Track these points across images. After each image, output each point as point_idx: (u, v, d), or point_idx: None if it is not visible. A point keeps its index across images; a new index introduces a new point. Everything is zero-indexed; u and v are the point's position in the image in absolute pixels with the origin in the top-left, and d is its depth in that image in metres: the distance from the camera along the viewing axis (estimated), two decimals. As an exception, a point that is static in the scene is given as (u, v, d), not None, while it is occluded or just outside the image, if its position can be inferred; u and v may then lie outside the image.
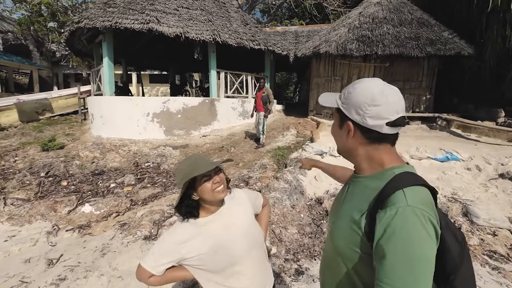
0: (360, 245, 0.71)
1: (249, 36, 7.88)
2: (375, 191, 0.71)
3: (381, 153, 0.77)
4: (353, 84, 0.78)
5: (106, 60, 7.05)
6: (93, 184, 4.69)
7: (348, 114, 0.76)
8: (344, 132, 0.79)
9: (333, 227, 0.83)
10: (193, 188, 1.04)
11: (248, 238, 1.13)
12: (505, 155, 4.47)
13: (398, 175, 0.71)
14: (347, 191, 0.86)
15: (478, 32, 7.60)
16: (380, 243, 0.63)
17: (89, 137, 7.36)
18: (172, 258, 1.05)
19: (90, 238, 3.25)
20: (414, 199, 0.64)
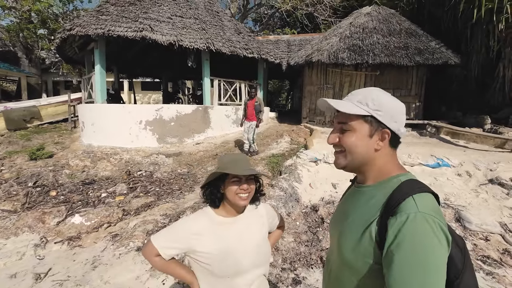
0: (371, 256, 0.70)
1: (242, 45, 7.96)
2: (383, 199, 0.72)
3: (393, 161, 0.79)
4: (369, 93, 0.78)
5: (98, 67, 6.98)
6: (83, 194, 4.56)
7: (386, 122, 0.75)
8: (375, 140, 0.76)
9: (340, 239, 0.81)
10: (223, 181, 1.07)
11: (257, 254, 1.13)
12: (493, 161, 4.60)
13: (405, 182, 0.72)
14: (350, 202, 0.86)
15: (464, 42, 7.91)
16: (391, 249, 0.63)
17: (79, 145, 7.20)
18: (182, 245, 1.06)
19: (80, 250, 3.14)
20: (425, 206, 0.65)
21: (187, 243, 1.05)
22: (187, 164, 5.97)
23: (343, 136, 0.79)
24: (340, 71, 8.25)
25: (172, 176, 5.41)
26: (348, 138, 0.77)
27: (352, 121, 0.77)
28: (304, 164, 4.81)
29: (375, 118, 0.75)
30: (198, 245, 1.05)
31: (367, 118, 0.75)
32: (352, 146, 0.77)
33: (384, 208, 0.70)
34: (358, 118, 0.76)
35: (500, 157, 4.85)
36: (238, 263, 1.07)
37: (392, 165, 0.79)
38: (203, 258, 1.06)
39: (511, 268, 2.72)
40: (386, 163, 0.78)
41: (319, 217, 3.65)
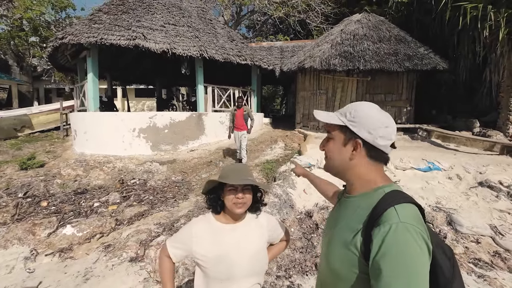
0: (357, 266, 0.72)
1: (235, 52, 8.03)
2: (367, 210, 0.74)
3: (376, 172, 0.81)
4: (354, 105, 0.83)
5: (91, 75, 6.95)
6: (75, 204, 4.50)
7: (357, 132, 0.79)
8: (348, 149, 0.81)
9: (327, 249, 0.83)
10: (222, 190, 1.14)
11: (251, 263, 1.15)
12: (482, 164, 4.70)
13: (388, 193, 0.75)
14: (338, 212, 0.88)
15: (451, 48, 8.12)
16: (376, 260, 0.65)
17: (71, 154, 7.11)
18: (185, 247, 1.16)
19: (72, 262, 3.09)
20: (406, 216, 0.67)
21: (189, 244, 1.14)
22: (181, 172, 5.95)
23: (326, 144, 0.87)
24: (332, 77, 8.37)
25: (166, 184, 5.37)
26: (328, 146, 0.86)
27: (332, 130, 0.84)
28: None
29: (348, 128, 0.80)
30: (196, 247, 1.13)
31: (342, 128, 0.81)
32: (329, 153, 0.85)
33: (368, 218, 0.72)
34: (336, 128, 0.83)
35: (489, 159, 4.96)
36: (230, 269, 1.11)
37: (376, 176, 0.81)
38: (200, 260, 1.13)
39: (502, 270, 2.76)
40: (367, 174, 0.80)
41: (313, 223, 3.66)
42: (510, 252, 2.97)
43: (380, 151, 0.79)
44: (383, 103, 8.35)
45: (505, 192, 3.84)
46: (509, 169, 4.45)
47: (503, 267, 2.80)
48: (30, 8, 13.37)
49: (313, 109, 7.57)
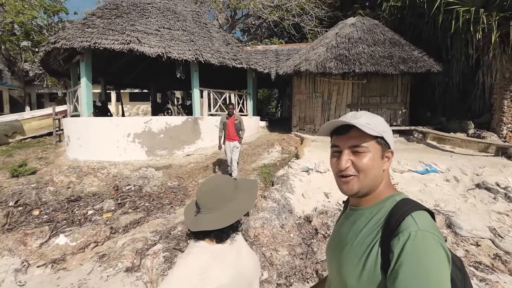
0: (376, 280, 0.68)
1: (231, 56, 8.00)
2: (381, 220, 0.72)
3: (389, 181, 0.81)
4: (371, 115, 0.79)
5: (84, 80, 6.84)
6: (68, 212, 4.38)
7: (390, 142, 0.78)
8: (384, 162, 0.78)
9: (341, 268, 0.78)
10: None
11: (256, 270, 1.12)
12: (478, 165, 4.73)
13: (400, 201, 0.73)
14: (346, 227, 0.84)
15: (444, 51, 8.23)
16: (395, 269, 0.63)
17: (64, 160, 6.97)
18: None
19: (65, 274, 2.98)
20: (424, 223, 0.66)
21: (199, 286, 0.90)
22: (178, 177, 5.86)
23: (357, 159, 0.75)
24: (328, 80, 8.40)
25: (162, 189, 5.29)
26: (363, 161, 0.74)
27: (366, 143, 0.75)
28: (296, 174, 4.80)
29: (384, 139, 0.76)
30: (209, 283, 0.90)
31: (379, 139, 0.76)
32: (368, 168, 0.74)
33: (383, 229, 0.70)
34: (372, 139, 0.75)
35: (485, 161, 5.00)
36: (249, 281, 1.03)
37: (388, 185, 0.80)
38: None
39: (503, 274, 2.75)
40: (385, 184, 0.79)
41: (313, 228, 3.61)
42: (510, 255, 2.96)
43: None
44: (378, 106, 8.40)
45: (502, 194, 3.86)
46: (505, 170, 4.48)
47: (504, 270, 2.78)
48: (21, 12, 13.18)
49: (309, 112, 7.53)
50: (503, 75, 6.52)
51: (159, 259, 3.04)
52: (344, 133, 0.77)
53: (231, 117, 5.32)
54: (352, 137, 0.76)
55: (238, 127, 5.32)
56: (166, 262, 2.96)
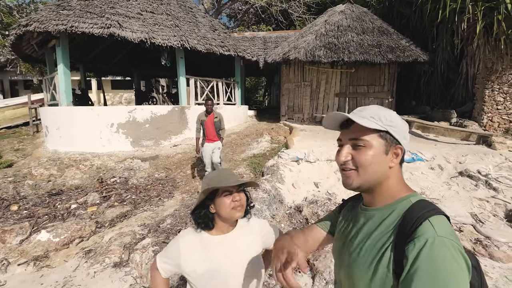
0: (388, 286, 0.66)
1: (218, 42, 7.74)
2: (394, 223, 0.69)
3: (402, 180, 0.77)
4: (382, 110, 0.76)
5: (62, 67, 6.43)
6: (50, 207, 4.19)
7: (399, 138, 0.73)
8: (390, 158, 0.73)
9: (351, 270, 0.75)
10: (212, 200, 1.05)
11: (247, 274, 1.07)
12: (461, 154, 4.89)
13: (416, 203, 0.69)
14: (356, 227, 0.80)
15: (430, 40, 8.32)
16: (409, 275, 0.60)
17: (43, 152, 6.62)
18: (172, 262, 1.07)
19: (49, 271, 2.86)
20: (443, 229, 0.62)
21: (176, 260, 1.05)
22: (165, 168, 5.72)
23: (357, 153, 0.73)
24: (317, 69, 8.34)
25: (149, 181, 5.15)
26: (363, 155, 0.72)
27: (367, 136, 0.72)
28: (286, 164, 4.79)
29: (390, 134, 0.72)
30: (185, 263, 1.04)
31: (382, 134, 0.72)
32: (367, 164, 0.72)
33: (397, 232, 0.66)
34: (374, 133, 0.72)
35: (467, 149, 5.17)
36: (225, 284, 1.03)
37: (401, 185, 0.76)
38: (189, 277, 1.04)
39: (484, 257, 2.88)
40: (397, 183, 0.75)
41: (303, 217, 3.64)
42: (490, 239, 3.10)
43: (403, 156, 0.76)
44: (365, 95, 8.47)
45: (483, 181, 4.02)
46: (485, 158, 4.67)
47: (484, 254, 2.92)
48: (-13, -9, 12.12)
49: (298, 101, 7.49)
50: (485, 65, 6.69)
51: (148, 253, 2.97)
52: (347, 126, 0.76)
53: (210, 115, 4.59)
54: (353, 130, 0.74)
55: (218, 126, 4.63)
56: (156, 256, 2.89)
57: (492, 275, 2.61)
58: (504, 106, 6.65)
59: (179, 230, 3.35)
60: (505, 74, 6.54)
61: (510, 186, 3.87)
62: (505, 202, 3.63)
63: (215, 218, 1.07)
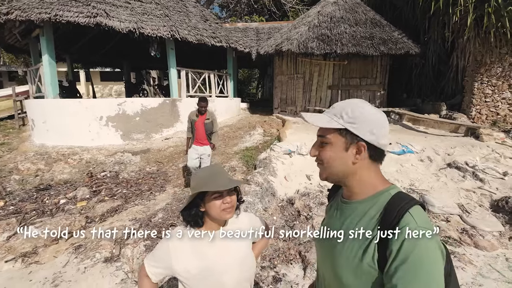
0: (373, 277, 0.68)
1: (209, 33, 7.58)
2: (376, 216, 0.71)
3: (376, 174, 0.78)
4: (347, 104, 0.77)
5: (46, 57, 6.20)
6: (38, 202, 4.10)
7: (361, 134, 0.73)
8: (351, 154, 0.75)
9: (335, 262, 0.77)
10: (202, 199, 1.02)
11: (241, 270, 1.07)
12: (450, 146, 4.98)
13: (396, 195, 0.72)
14: (339, 220, 0.81)
15: (422, 33, 8.34)
16: (393, 266, 0.63)
17: (30, 146, 6.45)
18: (163, 265, 1.04)
19: (38, 268, 2.82)
20: (422, 220, 0.66)
21: (167, 261, 1.02)
22: (156, 162, 5.66)
23: (322, 150, 0.78)
24: (310, 61, 8.29)
25: (140, 175, 5.09)
26: (325, 152, 0.77)
27: (329, 134, 0.76)
28: (278, 157, 4.79)
29: (350, 131, 0.73)
30: (176, 263, 1.01)
31: (342, 131, 0.75)
32: (328, 160, 0.77)
33: (380, 224, 0.69)
34: (334, 132, 0.76)
35: (456, 141, 5.27)
36: (220, 282, 1.03)
37: (377, 179, 0.77)
38: (182, 277, 1.02)
39: (469, 246, 2.97)
40: (370, 177, 0.77)
41: (295, 210, 3.66)
42: (476, 229, 3.20)
43: (380, 151, 0.76)
44: (358, 88, 8.49)
45: (470, 172, 4.11)
46: (473, 150, 4.77)
47: (470, 243, 3.01)
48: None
49: (291, 94, 7.47)
50: (475, 58, 6.76)
51: (139, 247, 2.95)
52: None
53: (202, 115, 4.17)
54: (320, 128, 0.79)
55: (209, 128, 4.17)
56: (147, 251, 2.88)
57: (477, 263, 2.70)
58: (492, 99, 6.77)
59: (171, 224, 3.34)
60: (493, 67, 6.64)
61: (495, 177, 3.97)
62: (491, 193, 3.73)
63: (204, 216, 1.06)
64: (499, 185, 3.85)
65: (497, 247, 2.93)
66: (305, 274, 2.61)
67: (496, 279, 2.48)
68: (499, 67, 6.60)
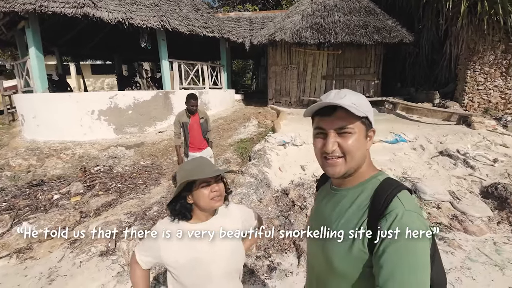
0: (363, 260, 0.69)
1: (201, 23, 7.43)
2: (366, 201, 0.73)
3: (369, 160, 0.80)
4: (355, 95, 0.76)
5: (33, 50, 6.02)
6: (31, 198, 4.06)
7: (373, 122, 0.78)
8: (367, 141, 0.77)
9: (326, 248, 0.78)
10: (189, 191, 1.01)
11: (229, 262, 1.08)
12: (442, 134, 5.04)
13: (384, 181, 0.75)
14: (329, 207, 0.82)
15: (416, 21, 8.28)
16: (381, 248, 0.65)
17: (21, 141, 6.34)
18: (153, 253, 1.06)
19: (33, 263, 2.82)
20: (409, 204, 0.68)
21: (156, 250, 1.03)
22: (151, 155, 5.62)
23: (343, 140, 0.73)
24: (303, 51, 8.21)
25: (134, 169, 5.06)
26: (350, 142, 0.73)
27: (352, 124, 0.73)
28: (272, 148, 4.80)
29: (368, 119, 0.75)
30: (165, 253, 1.02)
31: (363, 120, 0.75)
32: (354, 150, 0.74)
33: (370, 209, 0.71)
34: (357, 120, 0.73)
35: (449, 130, 5.33)
36: (206, 275, 1.03)
37: (369, 165, 0.80)
38: (170, 267, 1.03)
39: (459, 232, 3.05)
40: (367, 164, 0.79)
41: (290, 200, 3.70)
42: (466, 215, 3.27)
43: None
44: (352, 77, 8.47)
45: (461, 160, 4.17)
46: (465, 138, 4.83)
47: (460, 229, 3.08)
48: None
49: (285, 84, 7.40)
50: (468, 46, 6.76)
51: (135, 241, 2.96)
52: (329, 114, 0.74)
53: (193, 115, 3.53)
54: (338, 118, 0.73)
55: (205, 128, 3.65)
56: (142, 244, 2.89)
57: (466, 247, 2.77)
58: (484, 87, 6.82)
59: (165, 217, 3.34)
60: (486, 55, 6.65)
61: (486, 164, 4.04)
62: (481, 179, 3.80)
63: (193, 208, 1.05)
64: (489, 171, 3.93)
65: (485, 231, 3.01)
66: (299, 262, 2.66)
67: (484, 263, 2.56)
68: (492, 54, 6.62)
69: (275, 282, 2.44)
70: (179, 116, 3.58)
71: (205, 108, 7.72)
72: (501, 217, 3.21)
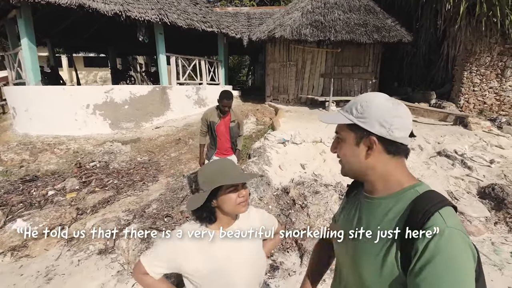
0: (395, 277, 0.66)
1: (200, 17, 7.30)
2: (401, 213, 0.68)
3: (399, 169, 0.74)
4: (361, 98, 0.75)
5: (26, 41, 5.82)
6: (24, 194, 3.95)
7: (369, 128, 0.71)
8: (363, 149, 0.73)
9: (356, 259, 0.74)
10: (215, 195, 0.97)
11: (251, 270, 1.05)
12: (440, 134, 5.09)
13: (424, 194, 0.68)
14: (361, 215, 0.78)
15: (415, 21, 8.32)
16: (418, 267, 0.60)
17: (12, 135, 6.16)
18: (169, 264, 1.00)
19: (29, 262, 2.74)
20: (452, 221, 0.62)
21: (174, 260, 0.98)
22: (148, 151, 5.53)
23: (338, 146, 0.79)
24: (302, 48, 8.16)
25: (131, 165, 4.97)
26: (340, 148, 0.79)
27: (341, 131, 0.78)
28: (272, 146, 4.77)
29: (358, 126, 0.72)
30: (186, 262, 0.97)
31: (351, 126, 0.74)
32: (343, 156, 0.78)
33: (406, 223, 0.65)
34: (345, 128, 0.76)
35: (446, 130, 5.39)
36: (230, 283, 1.00)
37: (400, 173, 0.74)
38: (192, 276, 0.99)
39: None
40: (390, 172, 0.73)
41: (290, 199, 3.69)
42: (464, 215, 3.32)
43: (398, 144, 0.71)
44: (350, 76, 8.47)
45: (459, 160, 4.23)
46: (462, 139, 4.89)
47: (458, 229, 3.12)
48: None
49: (283, 82, 7.36)
50: (465, 47, 6.83)
51: (134, 239, 2.91)
52: None
53: (225, 117, 3.08)
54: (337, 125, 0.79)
55: (235, 133, 3.18)
56: (143, 242, 2.84)
57: (465, 248, 2.81)
58: (480, 88, 6.92)
59: (166, 215, 3.30)
60: (482, 56, 6.74)
61: (483, 165, 4.10)
62: (478, 180, 3.86)
63: (216, 211, 1.02)
64: (486, 172, 3.99)
65: (483, 231, 3.06)
66: (302, 261, 2.66)
67: (483, 262, 2.58)
68: (488, 56, 6.70)
69: (278, 281, 2.43)
70: (208, 114, 3.13)
71: (203, 104, 7.63)
72: (498, 218, 3.27)
